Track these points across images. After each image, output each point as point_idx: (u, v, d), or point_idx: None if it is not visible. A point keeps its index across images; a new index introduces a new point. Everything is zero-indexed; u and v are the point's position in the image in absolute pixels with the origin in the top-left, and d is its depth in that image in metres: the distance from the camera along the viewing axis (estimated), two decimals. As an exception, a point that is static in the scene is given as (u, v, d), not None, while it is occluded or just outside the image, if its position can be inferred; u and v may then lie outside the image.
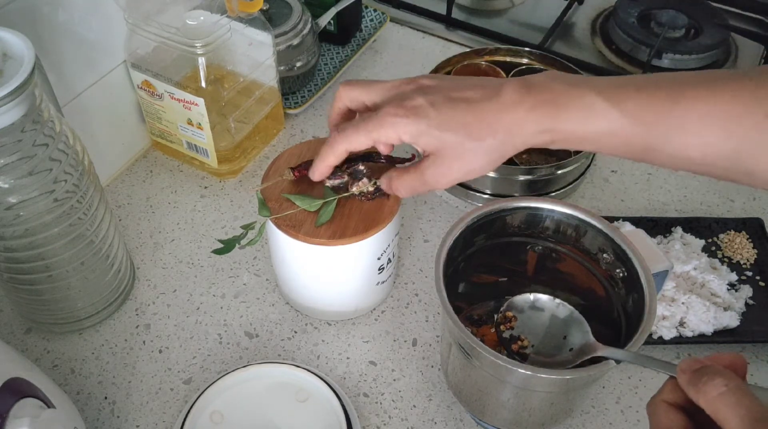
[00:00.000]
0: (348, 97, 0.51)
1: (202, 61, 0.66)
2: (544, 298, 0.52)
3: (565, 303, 0.52)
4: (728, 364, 0.37)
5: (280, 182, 0.58)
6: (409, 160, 0.60)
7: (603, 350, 0.47)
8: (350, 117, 0.53)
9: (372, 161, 0.59)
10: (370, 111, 0.50)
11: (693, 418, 0.36)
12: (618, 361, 0.45)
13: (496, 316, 0.53)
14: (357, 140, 0.49)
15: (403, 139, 0.47)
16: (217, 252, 0.56)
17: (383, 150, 0.53)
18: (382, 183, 0.53)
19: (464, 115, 0.46)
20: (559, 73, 0.47)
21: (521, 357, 0.50)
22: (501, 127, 0.46)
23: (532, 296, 0.52)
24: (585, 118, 0.44)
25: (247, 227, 0.56)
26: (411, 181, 0.50)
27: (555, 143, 0.46)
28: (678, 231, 0.69)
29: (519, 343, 0.52)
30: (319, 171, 0.53)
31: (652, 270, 0.50)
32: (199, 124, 0.70)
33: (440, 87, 0.48)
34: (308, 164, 0.58)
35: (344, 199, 0.56)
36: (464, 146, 0.46)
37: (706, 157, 0.43)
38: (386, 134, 0.48)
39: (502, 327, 0.52)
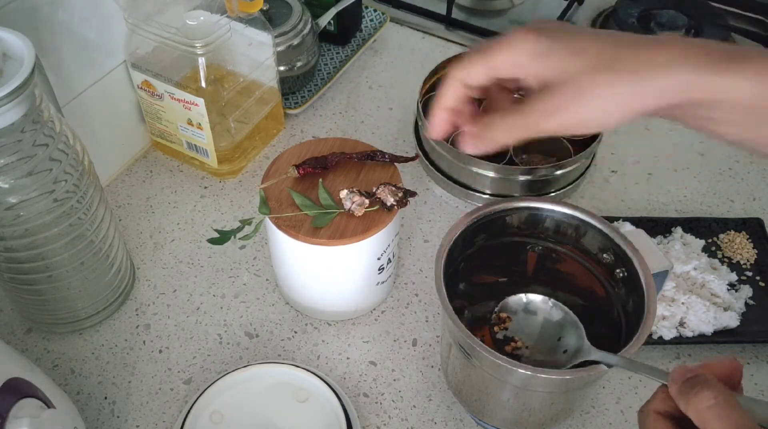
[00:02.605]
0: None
1: (202, 61, 0.66)
2: (537, 299, 0.52)
3: (560, 304, 0.52)
4: (722, 371, 0.37)
5: (282, 181, 0.58)
6: (412, 158, 0.60)
7: (596, 354, 0.47)
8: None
9: (374, 160, 0.59)
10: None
11: (683, 427, 0.36)
12: (610, 366, 0.45)
13: (491, 316, 0.54)
14: (473, 65, 0.40)
15: (522, 58, 0.38)
16: (213, 241, 0.56)
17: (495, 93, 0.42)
18: (470, 132, 0.42)
19: (604, 41, 0.37)
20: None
21: (515, 358, 0.50)
22: (653, 61, 0.36)
23: (525, 297, 0.52)
24: (758, 74, 0.35)
25: (246, 222, 0.56)
26: (513, 119, 0.40)
27: (704, 108, 0.37)
28: (678, 231, 0.69)
29: (513, 344, 0.52)
30: (435, 117, 0.43)
31: (652, 270, 0.50)
32: (199, 124, 0.70)
33: (585, 28, 0.40)
34: (312, 162, 0.58)
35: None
36: (595, 78, 0.37)
37: None
38: (503, 56, 0.39)
39: (495, 328, 0.52)
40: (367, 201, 0.55)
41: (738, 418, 0.33)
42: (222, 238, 0.56)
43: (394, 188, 0.55)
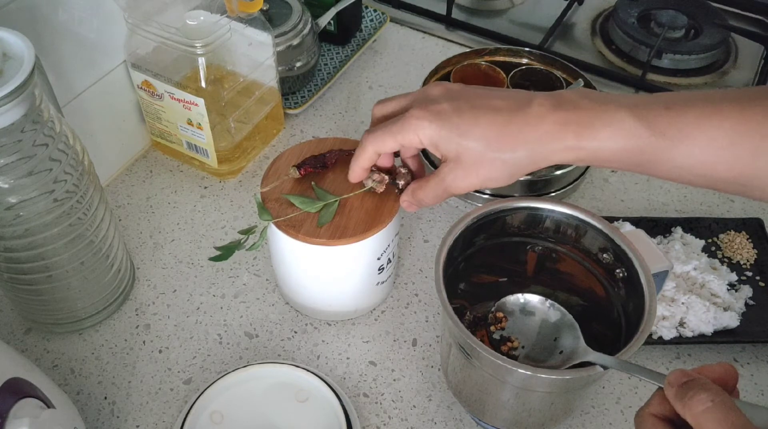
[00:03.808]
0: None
1: (202, 61, 0.66)
2: (534, 299, 0.52)
3: (557, 305, 0.52)
4: (718, 376, 0.37)
5: (281, 183, 0.58)
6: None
7: (591, 355, 0.47)
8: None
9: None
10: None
11: None
12: (606, 368, 0.45)
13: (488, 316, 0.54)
14: (383, 142, 0.49)
15: (424, 142, 0.47)
16: (214, 259, 0.56)
17: (406, 155, 0.54)
18: (405, 198, 0.53)
19: (487, 124, 0.46)
20: (588, 90, 0.47)
21: (511, 358, 0.50)
22: (523, 141, 0.45)
23: (522, 297, 0.52)
24: (613, 135, 0.43)
25: (247, 232, 0.56)
26: (433, 188, 0.50)
27: (580, 161, 0.45)
28: (678, 231, 0.69)
29: (509, 344, 0.52)
30: (355, 173, 0.53)
31: (652, 270, 0.50)
32: (199, 124, 0.70)
33: (468, 94, 0.48)
34: (312, 161, 0.58)
35: (344, 200, 0.56)
36: (484, 156, 0.46)
37: (733, 171, 0.43)
38: (409, 138, 0.48)
39: (492, 327, 0.52)
40: (386, 177, 0.55)
41: (735, 420, 0.33)
42: (225, 254, 0.56)
43: (404, 171, 0.55)
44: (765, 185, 0.43)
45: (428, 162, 0.76)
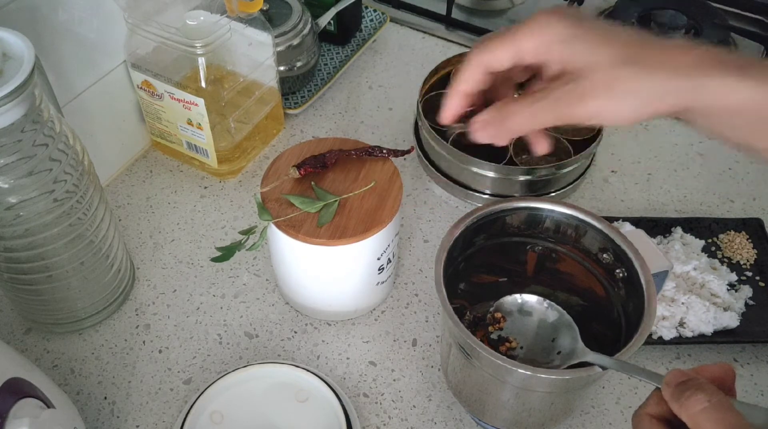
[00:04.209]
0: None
1: (202, 61, 0.66)
2: (532, 300, 0.52)
3: (555, 305, 0.52)
4: (716, 376, 0.37)
5: (281, 184, 0.58)
6: (408, 151, 0.61)
7: (590, 356, 0.47)
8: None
9: (372, 155, 0.59)
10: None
11: None
12: (604, 368, 0.45)
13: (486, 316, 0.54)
14: (494, 50, 0.39)
15: (552, 42, 0.38)
16: (216, 259, 0.57)
17: (516, 75, 0.42)
18: (486, 115, 0.41)
19: (630, 36, 0.38)
20: None
21: (509, 359, 0.51)
22: (670, 63, 0.36)
23: (520, 298, 0.52)
24: None
25: (247, 232, 0.56)
26: (532, 104, 0.39)
27: (717, 115, 0.37)
28: (678, 231, 0.69)
29: (507, 344, 0.52)
30: (452, 101, 0.42)
31: (652, 270, 0.50)
32: (199, 124, 0.70)
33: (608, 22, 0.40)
34: (312, 161, 0.58)
35: (344, 200, 0.57)
36: (617, 70, 0.37)
37: None
38: (531, 40, 0.39)
39: (490, 328, 0.52)
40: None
41: (732, 420, 0.33)
42: (226, 254, 0.56)
43: None
44: None
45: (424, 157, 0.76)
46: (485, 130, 0.41)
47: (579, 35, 0.38)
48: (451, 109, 0.42)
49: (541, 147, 0.43)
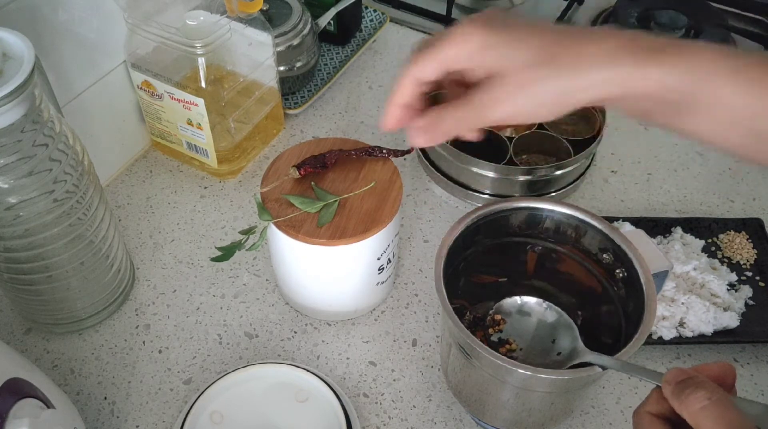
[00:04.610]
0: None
1: (202, 61, 0.66)
2: (531, 301, 0.52)
3: (554, 306, 0.52)
4: (716, 374, 0.37)
5: (281, 184, 0.58)
6: (408, 151, 0.61)
7: (590, 356, 0.47)
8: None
9: (372, 155, 0.59)
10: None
11: (678, 428, 0.36)
12: (604, 368, 0.45)
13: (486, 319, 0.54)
14: (423, 63, 0.41)
15: (467, 52, 0.40)
16: (216, 259, 0.57)
17: (449, 84, 0.44)
18: (421, 122, 0.43)
19: (544, 35, 0.39)
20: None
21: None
22: (584, 57, 0.38)
23: (519, 300, 0.52)
24: (692, 65, 0.36)
25: (247, 232, 0.56)
26: (457, 110, 0.41)
27: (641, 98, 0.38)
28: (678, 231, 0.69)
29: (507, 346, 0.52)
30: (389, 114, 0.44)
31: (652, 270, 0.50)
32: (199, 124, 0.70)
33: (527, 18, 0.41)
34: (312, 161, 0.58)
35: (344, 200, 0.57)
36: (533, 70, 0.38)
37: None
38: (449, 50, 0.40)
39: (490, 330, 0.52)
40: None
41: (732, 417, 0.33)
42: (225, 254, 0.56)
43: None
44: None
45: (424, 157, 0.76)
46: (420, 136, 0.43)
47: (495, 42, 0.39)
48: (388, 119, 0.44)
49: (470, 137, 0.44)
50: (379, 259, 0.59)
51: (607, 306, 0.54)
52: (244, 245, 0.56)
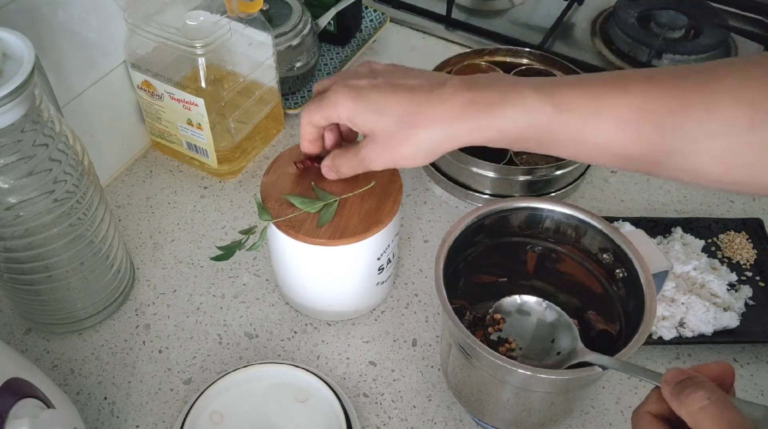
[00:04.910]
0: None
1: (202, 61, 0.66)
2: (531, 301, 0.52)
3: (553, 306, 0.52)
4: (715, 374, 0.37)
5: (280, 178, 0.58)
6: None
7: (590, 356, 0.47)
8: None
9: None
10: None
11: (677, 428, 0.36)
12: (604, 368, 0.45)
13: (486, 318, 0.54)
14: (312, 114, 0.51)
15: (341, 116, 0.49)
16: (216, 259, 0.57)
17: (328, 138, 0.55)
18: (326, 163, 0.55)
19: (400, 102, 0.47)
20: (503, 74, 0.49)
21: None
22: (435, 120, 0.46)
23: (519, 299, 0.52)
24: (519, 113, 0.44)
25: (247, 232, 0.56)
26: (350, 159, 0.52)
27: (491, 142, 0.46)
28: (678, 231, 0.69)
29: (506, 345, 0.52)
30: (303, 146, 0.55)
31: (652, 270, 0.50)
32: (199, 124, 0.70)
33: (387, 72, 0.49)
34: (312, 158, 0.58)
35: (344, 200, 0.57)
36: (397, 133, 0.47)
37: (642, 149, 0.43)
38: (329, 111, 0.49)
39: (490, 329, 0.52)
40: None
41: (731, 418, 0.33)
42: (226, 254, 0.56)
43: None
44: (673, 163, 0.42)
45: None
46: (325, 172, 0.56)
47: (359, 112, 0.48)
48: (304, 149, 0.55)
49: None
50: (379, 259, 0.59)
51: (607, 306, 0.54)
52: (244, 245, 0.56)
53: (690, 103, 0.41)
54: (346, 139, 0.56)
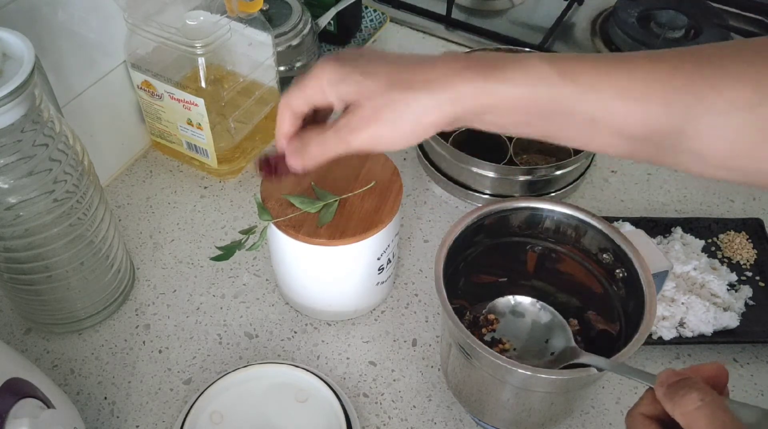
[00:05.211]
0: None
1: (202, 61, 0.66)
2: (525, 302, 0.52)
3: (547, 306, 0.52)
4: (709, 375, 0.37)
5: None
6: None
7: (584, 357, 0.47)
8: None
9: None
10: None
11: None
12: (599, 369, 0.45)
13: (479, 318, 0.54)
14: (291, 98, 0.46)
15: (324, 86, 0.43)
16: (216, 259, 0.57)
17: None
18: (294, 145, 0.47)
19: (391, 65, 0.42)
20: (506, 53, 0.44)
21: None
22: (427, 82, 0.41)
23: (513, 300, 0.53)
24: (523, 77, 0.40)
25: (247, 232, 0.56)
26: (321, 134, 0.44)
27: (487, 112, 0.41)
28: (678, 231, 0.69)
29: (500, 345, 0.52)
30: (278, 143, 0.49)
31: (652, 270, 0.50)
32: (199, 124, 0.70)
33: (380, 52, 0.45)
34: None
35: (344, 200, 0.56)
36: (385, 97, 0.41)
37: (646, 126, 0.40)
38: (311, 88, 0.44)
39: (483, 330, 0.52)
40: None
41: (725, 419, 0.33)
42: (225, 254, 0.56)
43: None
44: (678, 144, 0.40)
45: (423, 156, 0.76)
46: (293, 159, 0.47)
47: (346, 74, 0.42)
48: (279, 146, 0.49)
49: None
50: (379, 259, 0.59)
51: (607, 306, 0.54)
52: (244, 245, 0.56)
53: (694, 80, 0.39)
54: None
